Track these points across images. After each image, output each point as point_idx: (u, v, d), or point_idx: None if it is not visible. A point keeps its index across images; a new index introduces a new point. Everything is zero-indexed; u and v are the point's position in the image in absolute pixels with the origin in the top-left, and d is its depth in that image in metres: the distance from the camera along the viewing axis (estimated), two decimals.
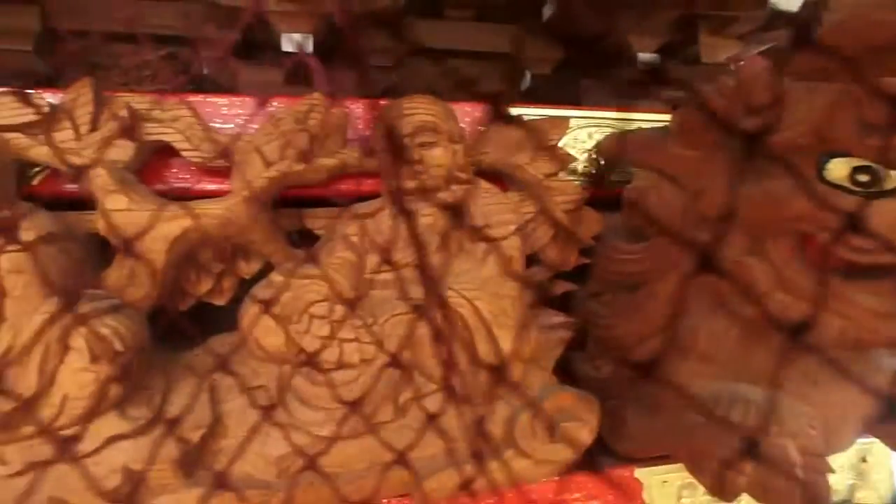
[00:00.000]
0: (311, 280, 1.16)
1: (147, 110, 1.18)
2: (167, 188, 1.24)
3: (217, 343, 1.32)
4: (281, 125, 1.20)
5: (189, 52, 1.76)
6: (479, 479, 1.21)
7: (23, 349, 1.05)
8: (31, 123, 1.12)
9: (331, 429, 1.18)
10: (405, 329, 1.22)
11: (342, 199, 1.31)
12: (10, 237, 1.08)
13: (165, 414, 1.17)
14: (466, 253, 1.28)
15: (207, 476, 1.16)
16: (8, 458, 1.07)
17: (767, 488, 1.01)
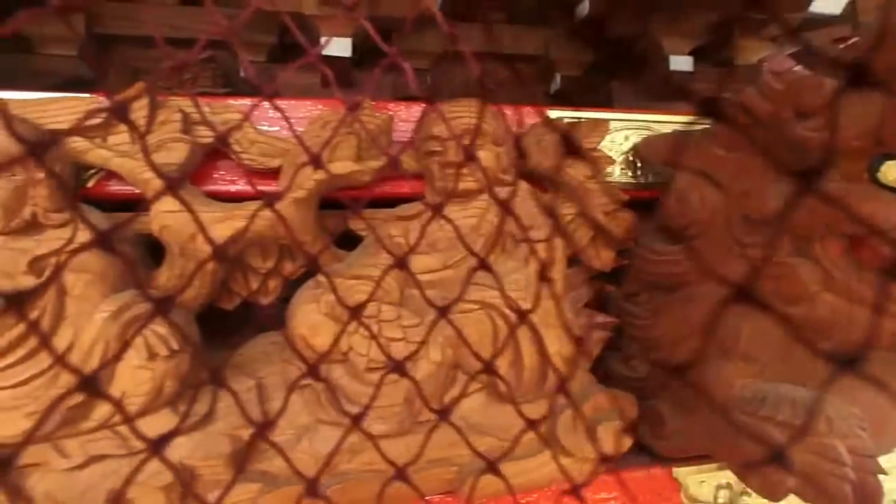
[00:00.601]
0: (359, 280, 1.18)
1: (198, 113, 1.20)
2: (215, 189, 1.27)
3: (261, 342, 1.35)
4: (329, 128, 1.22)
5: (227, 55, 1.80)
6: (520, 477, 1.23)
7: (85, 348, 1.08)
8: (90, 127, 1.14)
9: (378, 427, 1.20)
10: (450, 329, 1.23)
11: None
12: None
13: (216, 411, 1.20)
14: (509, 254, 1.29)
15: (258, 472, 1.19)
16: (69, 452, 1.10)
17: (817, 489, 1.01)
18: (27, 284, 1.08)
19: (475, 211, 1.28)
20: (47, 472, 1.11)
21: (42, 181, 1.09)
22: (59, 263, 1.10)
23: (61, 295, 1.11)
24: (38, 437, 1.09)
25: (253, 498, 1.15)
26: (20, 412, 1.08)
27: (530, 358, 1.25)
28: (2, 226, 1.07)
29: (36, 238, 1.10)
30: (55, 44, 1.66)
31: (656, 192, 1.48)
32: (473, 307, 1.24)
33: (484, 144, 1.25)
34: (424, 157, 1.27)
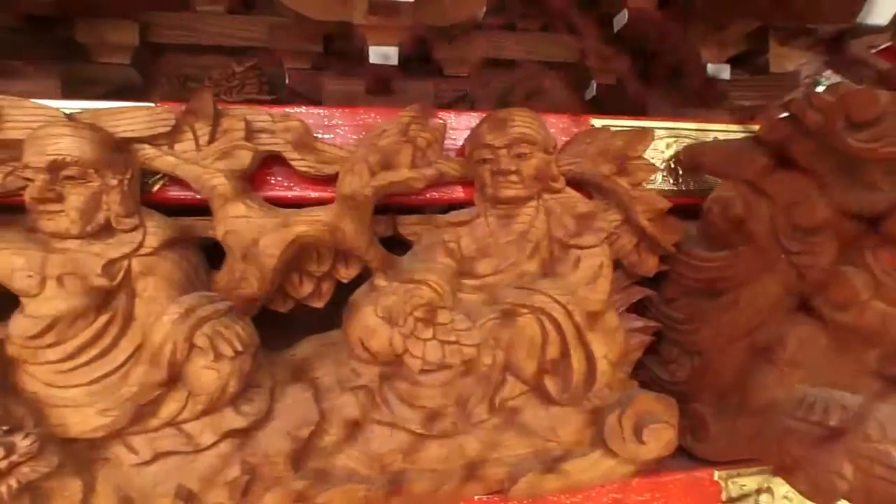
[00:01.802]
0: (415, 285, 1.22)
1: (260, 122, 1.24)
2: (273, 195, 1.30)
3: (313, 343, 1.39)
4: (386, 137, 1.25)
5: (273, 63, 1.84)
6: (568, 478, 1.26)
7: (155, 348, 1.12)
8: (159, 135, 1.19)
9: (431, 428, 1.23)
10: (500, 332, 1.27)
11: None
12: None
13: (273, 410, 1.23)
14: (558, 259, 1.32)
15: (315, 470, 1.22)
16: (137, 448, 1.15)
17: (870, 493, 1.03)
18: (99, 287, 1.13)
19: (524, 217, 1.32)
20: (117, 467, 1.15)
21: (115, 187, 1.14)
22: (130, 266, 1.15)
23: (131, 297, 1.16)
24: (109, 434, 1.14)
25: (313, 495, 1.18)
26: (93, 409, 1.13)
27: (579, 362, 1.28)
28: (78, 230, 1.12)
29: (108, 242, 1.15)
30: (110, 52, 1.71)
31: (697, 200, 1.51)
32: (524, 311, 1.27)
33: (534, 153, 1.28)
34: (476, 165, 1.30)
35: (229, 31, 1.81)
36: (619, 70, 2.03)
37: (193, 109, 1.22)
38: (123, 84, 1.76)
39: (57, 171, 1.09)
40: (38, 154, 1.09)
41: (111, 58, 1.73)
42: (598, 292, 1.30)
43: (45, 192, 1.09)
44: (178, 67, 1.83)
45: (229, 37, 1.81)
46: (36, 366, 1.12)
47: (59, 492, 1.10)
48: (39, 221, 1.12)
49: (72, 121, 1.14)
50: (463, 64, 1.93)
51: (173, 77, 1.82)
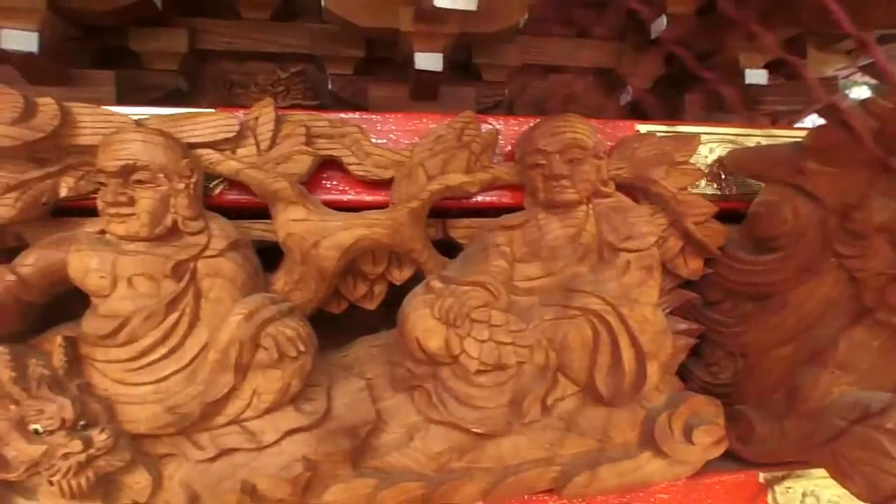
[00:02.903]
0: (471, 287, 1.24)
1: (319, 127, 1.28)
2: (329, 199, 1.34)
3: (364, 344, 1.42)
4: (441, 142, 1.28)
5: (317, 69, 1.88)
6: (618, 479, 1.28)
7: (221, 348, 1.15)
8: (223, 140, 1.22)
9: (486, 427, 1.25)
10: (553, 333, 1.29)
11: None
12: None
13: (332, 409, 1.26)
14: (608, 262, 1.34)
15: (373, 468, 1.25)
16: (203, 444, 1.18)
17: None
18: (168, 288, 1.16)
19: (575, 221, 1.34)
20: (183, 463, 1.18)
21: (182, 191, 1.17)
22: (197, 268, 1.18)
23: (197, 298, 1.19)
24: (176, 431, 1.17)
25: (370, 493, 1.21)
26: (161, 406, 1.16)
27: (630, 363, 1.30)
28: (148, 232, 1.15)
29: (175, 244, 1.18)
30: (160, 59, 1.76)
31: (740, 204, 1.52)
32: (575, 313, 1.30)
33: (585, 158, 1.30)
34: (527, 170, 1.33)
35: (273, 38, 1.84)
36: (654, 75, 2.04)
37: (256, 115, 1.25)
38: (172, 90, 1.81)
39: (128, 175, 1.13)
40: (110, 159, 1.12)
41: (161, 64, 1.78)
42: (648, 295, 1.32)
43: (118, 196, 1.12)
44: (223, 73, 1.88)
45: (273, 43, 1.85)
46: (107, 364, 1.16)
47: (130, 485, 1.14)
48: (111, 224, 1.15)
49: (142, 127, 1.17)
50: (501, 70, 1.96)
51: (220, 83, 1.86)
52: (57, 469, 1.06)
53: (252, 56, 1.86)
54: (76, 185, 1.21)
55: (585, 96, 2.05)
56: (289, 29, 1.85)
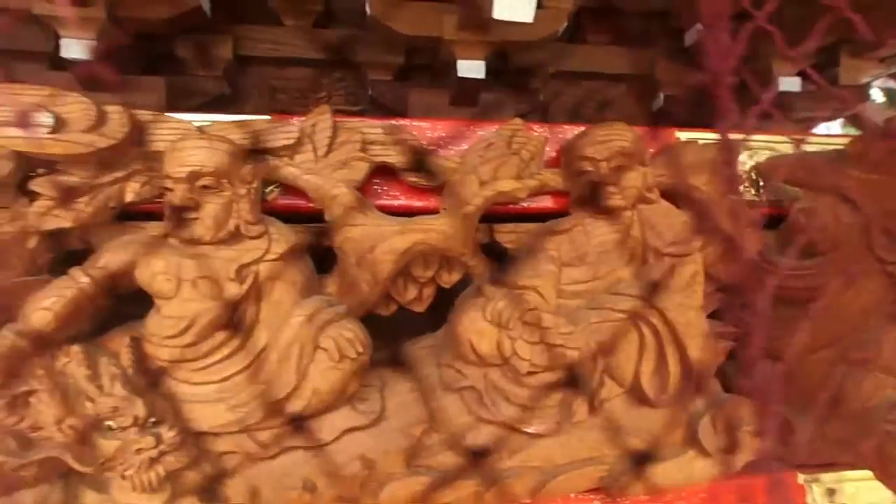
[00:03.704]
0: (522, 290, 1.28)
1: (373, 134, 1.31)
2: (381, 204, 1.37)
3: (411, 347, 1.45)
4: (492, 149, 1.32)
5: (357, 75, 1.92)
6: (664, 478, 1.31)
7: (282, 349, 1.19)
8: (281, 146, 1.26)
9: (536, 426, 1.28)
10: (600, 336, 1.32)
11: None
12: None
13: (385, 410, 1.30)
14: (653, 267, 1.37)
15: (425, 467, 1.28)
16: (264, 442, 1.21)
17: None
18: (232, 290, 1.20)
19: (621, 226, 1.37)
20: (244, 460, 1.22)
21: (244, 196, 1.21)
22: (259, 271, 1.22)
23: (258, 300, 1.23)
24: (238, 428, 1.21)
25: (424, 491, 1.24)
26: (224, 405, 1.20)
27: (675, 365, 1.33)
28: (212, 236, 1.19)
29: (238, 248, 1.22)
30: (205, 65, 1.80)
31: (776, 210, 1.55)
32: (622, 316, 1.33)
33: (631, 165, 1.33)
34: (574, 176, 1.36)
35: (315, 45, 1.88)
36: (688, 82, 2.07)
37: (313, 122, 1.28)
38: (216, 95, 1.85)
39: (194, 180, 1.16)
40: (178, 165, 1.16)
41: (206, 70, 1.82)
42: (692, 299, 1.35)
43: (185, 201, 1.16)
44: (265, 79, 1.91)
45: (315, 50, 1.89)
46: (172, 364, 1.20)
47: (195, 481, 1.17)
48: (176, 228, 1.19)
49: (207, 134, 1.21)
50: (535, 76, 1.99)
51: (262, 89, 1.90)
52: (130, 464, 1.10)
53: (293, 62, 1.89)
54: (141, 189, 1.25)
55: (619, 103, 2.08)
56: (330, 36, 1.89)
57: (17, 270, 1.19)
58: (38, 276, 1.21)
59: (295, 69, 1.91)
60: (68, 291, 1.14)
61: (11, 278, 1.18)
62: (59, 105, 1.15)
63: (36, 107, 1.12)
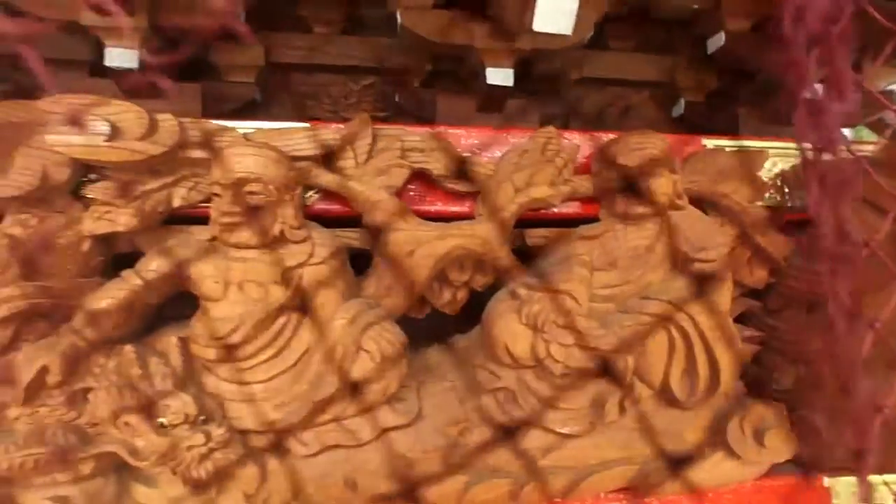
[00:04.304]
0: (556, 294, 1.31)
1: (412, 141, 1.35)
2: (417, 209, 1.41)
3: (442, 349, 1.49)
4: (527, 156, 1.35)
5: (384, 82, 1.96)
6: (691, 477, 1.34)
7: (325, 350, 1.23)
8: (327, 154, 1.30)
9: (571, 427, 1.32)
10: (631, 339, 1.35)
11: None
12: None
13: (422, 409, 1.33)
14: (682, 271, 1.40)
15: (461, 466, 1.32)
16: (307, 441, 1.25)
17: None
18: (277, 293, 1.24)
19: (651, 232, 1.40)
20: (287, 457, 1.26)
21: (289, 202, 1.25)
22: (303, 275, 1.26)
23: (302, 303, 1.27)
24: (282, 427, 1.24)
25: (462, 489, 1.28)
26: (269, 403, 1.24)
27: (704, 368, 1.36)
28: (257, 240, 1.23)
29: (281, 252, 1.26)
30: (238, 72, 1.84)
31: (801, 215, 1.58)
32: (652, 319, 1.36)
33: (662, 172, 1.37)
34: (606, 183, 1.39)
35: (344, 52, 1.92)
36: (707, 88, 2.10)
37: (354, 130, 1.32)
38: (248, 101, 1.89)
39: (241, 186, 1.20)
40: (226, 172, 1.20)
41: (238, 77, 1.86)
42: (721, 303, 1.38)
43: (232, 206, 1.20)
44: (295, 86, 1.95)
45: (344, 56, 1.92)
46: (218, 364, 1.24)
47: (240, 477, 1.21)
48: (223, 233, 1.23)
49: (253, 141, 1.25)
50: (559, 82, 2.02)
51: (293, 95, 1.94)
52: (181, 460, 1.14)
53: (323, 69, 1.93)
54: (188, 195, 1.29)
55: (640, 109, 2.11)
56: (358, 43, 1.93)
57: (71, 273, 1.24)
58: (90, 279, 1.26)
59: (324, 75, 1.95)
60: (122, 293, 1.18)
61: (67, 280, 1.22)
62: (114, 114, 1.19)
63: (94, 116, 1.16)
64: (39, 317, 1.21)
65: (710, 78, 2.08)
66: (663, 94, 2.15)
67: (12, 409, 1.13)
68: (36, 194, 1.17)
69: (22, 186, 1.14)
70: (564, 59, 1.97)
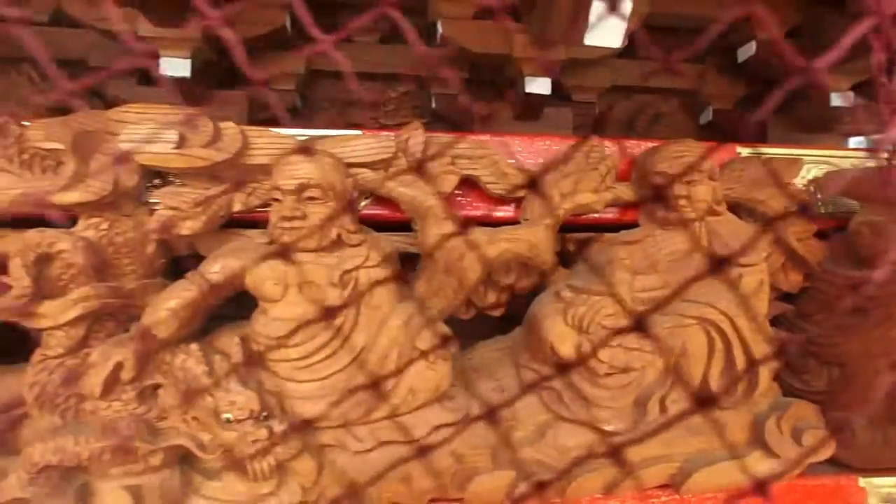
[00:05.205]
0: (601, 297, 1.36)
1: (461, 148, 1.40)
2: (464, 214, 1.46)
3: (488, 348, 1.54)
4: (571, 164, 1.40)
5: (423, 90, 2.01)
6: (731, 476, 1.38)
7: (381, 350, 1.28)
8: (380, 160, 1.35)
9: (614, 425, 1.36)
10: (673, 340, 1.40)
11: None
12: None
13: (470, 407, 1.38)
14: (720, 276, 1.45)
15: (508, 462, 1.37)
16: (361, 437, 1.30)
17: None
18: (334, 295, 1.29)
19: (690, 237, 1.44)
20: (342, 453, 1.31)
21: (346, 207, 1.30)
22: (359, 277, 1.31)
23: (358, 304, 1.32)
24: (338, 423, 1.29)
25: (510, 484, 1.33)
26: (324, 401, 1.29)
27: (742, 369, 1.40)
28: (316, 244, 1.28)
29: (338, 255, 1.31)
30: (279, 79, 1.90)
31: (833, 222, 1.62)
32: (692, 322, 1.40)
33: (701, 180, 1.41)
34: (647, 190, 1.44)
35: (382, 60, 1.98)
36: (735, 96, 2.15)
37: (406, 137, 1.37)
38: (288, 108, 1.95)
39: (302, 192, 1.25)
40: (286, 177, 1.25)
41: (280, 84, 1.92)
42: (759, 306, 1.42)
43: (293, 211, 1.25)
44: (335, 93, 2.01)
45: (381, 64, 1.98)
46: (277, 362, 1.29)
47: (298, 471, 1.26)
48: (283, 236, 1.28)
49: (314, 149, 1.30)
50: (591, 91, 2.07)
51: (332, 102, 2.00)
52: (245, 454, 1.19)
53: (361, 76, 1.99)
54: (246, 200, 1.34)
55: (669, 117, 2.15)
56: (396, 51, 1.99)
57: (137, 274, 1.29)
58: (154, 280, 1.31)
59: (363, 83, 2.00)
60: (188, 294, 1.23)
61: (133, 281, 1.28)
62: (181, 122, 1.24)
63: (162, 124, 1.22)
64: (108, 316, 1.27)
65: (739, 86, 2.13)
66: (692, 102, 2.19)
67: (88, 403, 1.18)
68: (108, 199, 1.22)
69: (97, 192, 1.19)
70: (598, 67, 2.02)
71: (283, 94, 1.93)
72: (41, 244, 1.18)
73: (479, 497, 1.32)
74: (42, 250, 1.18)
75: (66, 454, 1.12)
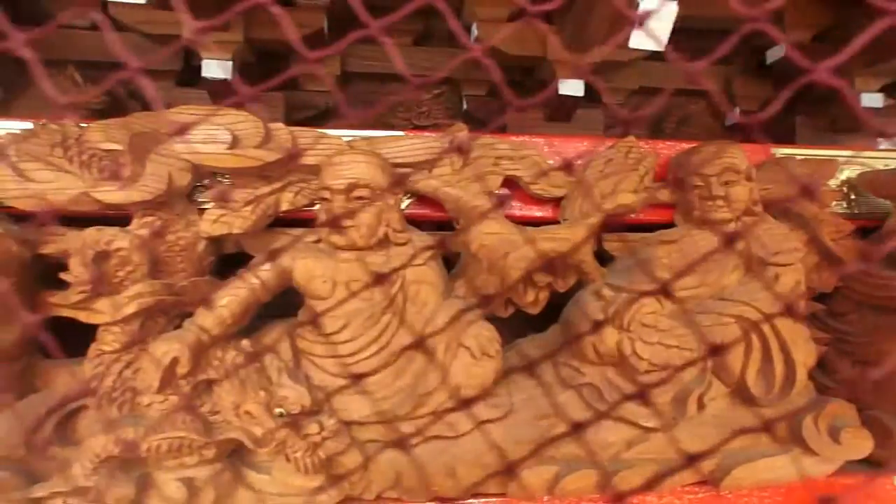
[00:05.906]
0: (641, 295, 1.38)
1: (502, 149, 1.42)
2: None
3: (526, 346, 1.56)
4: (611, 164, 1.42)
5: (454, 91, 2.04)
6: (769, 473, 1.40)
7: (429, 347, 1.30)
8: (425, 161, 1.37)
9: (654, 422, 1.38)
10: (711, 338, 1.42)
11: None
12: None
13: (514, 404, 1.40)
14: (757, 275, 1.47)
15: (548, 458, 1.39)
16: (407, 432, 1.32)
17: None
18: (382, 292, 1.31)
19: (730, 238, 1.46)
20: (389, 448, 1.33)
21: (392, 206, 1.32)
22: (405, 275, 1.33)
23: (404, 301, 1.34)
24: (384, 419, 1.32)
25: (552, 479, 1.35)
26: (374, 397, 1.31)
27: (780, 367, 1.42)
28: (364, 242, 1.30)
29: (385, 253, 1.33)
30: (313, 80, 1.93)
31: (867, 222, 1.64)
32: (730, 321, 1.42)
33: (739, 181, 1.43)
34: (685, 191, 1.46)
35: (415, 62, 2.00)
36: (762, 97, 2.16)
37: (450, 138, 1.40)
38: (322, 109, 1.98)
39: (351, 191, 1.28)
40: (336, 178, 1.27)
41: (315, 86, 1.95)
42: (795, 305, 1.44)
43: (342, 210, 1.28)
44: (367, 94, 2.04)
45: (415, 67, 2.01)
46: (325, 359, 1.31)
47: (346, 465, 1.29)
48: (331, 235, 1.31)
49: (360, 149, 1.33)
50: (619, 92, 2.09)
51: (367, 103, 2.02)
52: (298, 447, 1.21)
53: (393, 78, 2.02)
54: (294, 199, 1.37)
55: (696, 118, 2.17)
56: (428, 53, 2.01)
57: (187, 272, 1.32)
58: (203, 278, 1.34)
59: (396, 84, 2.03)
60: (241, 291, 1.26)
61: (184, 279, 1.31)
62: (232, 123, 1.27)
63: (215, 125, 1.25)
64: (160, 312, 1.29)
65: (766, 87, 2.14)
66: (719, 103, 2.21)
67: (145, 397, 1.21)
68: (161, 198, 1.25)
69: (153, 191, 1.22)
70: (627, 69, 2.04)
71: (315, 94, 1.96)
72: (99, 242, 1.21)
73: (522, 491, 1.34)
74: (100, 248, 1.21)
75: (126, 446, 1.15)
